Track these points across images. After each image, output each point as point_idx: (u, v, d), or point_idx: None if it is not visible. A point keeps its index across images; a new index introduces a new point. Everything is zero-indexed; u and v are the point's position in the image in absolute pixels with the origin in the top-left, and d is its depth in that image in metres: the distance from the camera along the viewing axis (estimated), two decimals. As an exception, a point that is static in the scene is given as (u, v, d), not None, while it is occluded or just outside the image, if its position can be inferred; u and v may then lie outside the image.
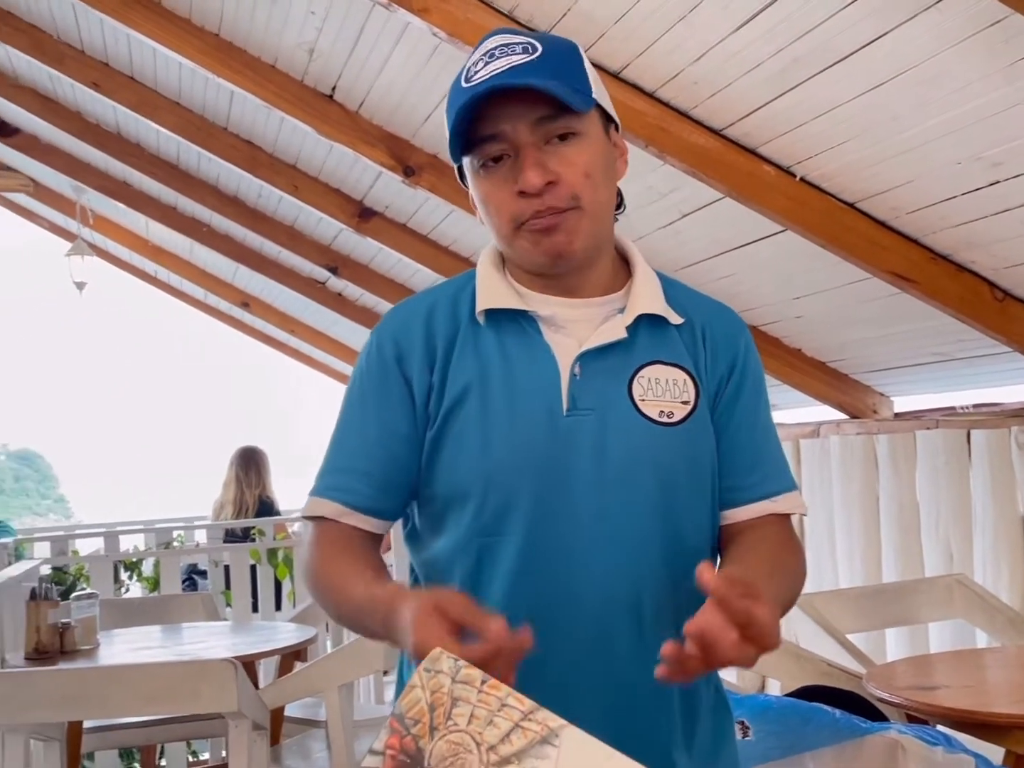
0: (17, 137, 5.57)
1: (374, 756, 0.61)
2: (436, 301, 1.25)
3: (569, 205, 1.15)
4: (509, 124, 1.14)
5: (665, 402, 1.19)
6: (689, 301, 1.28)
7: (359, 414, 1.24)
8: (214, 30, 3.43)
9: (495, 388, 1.18)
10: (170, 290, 7.85)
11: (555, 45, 1.20)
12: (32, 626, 3.06)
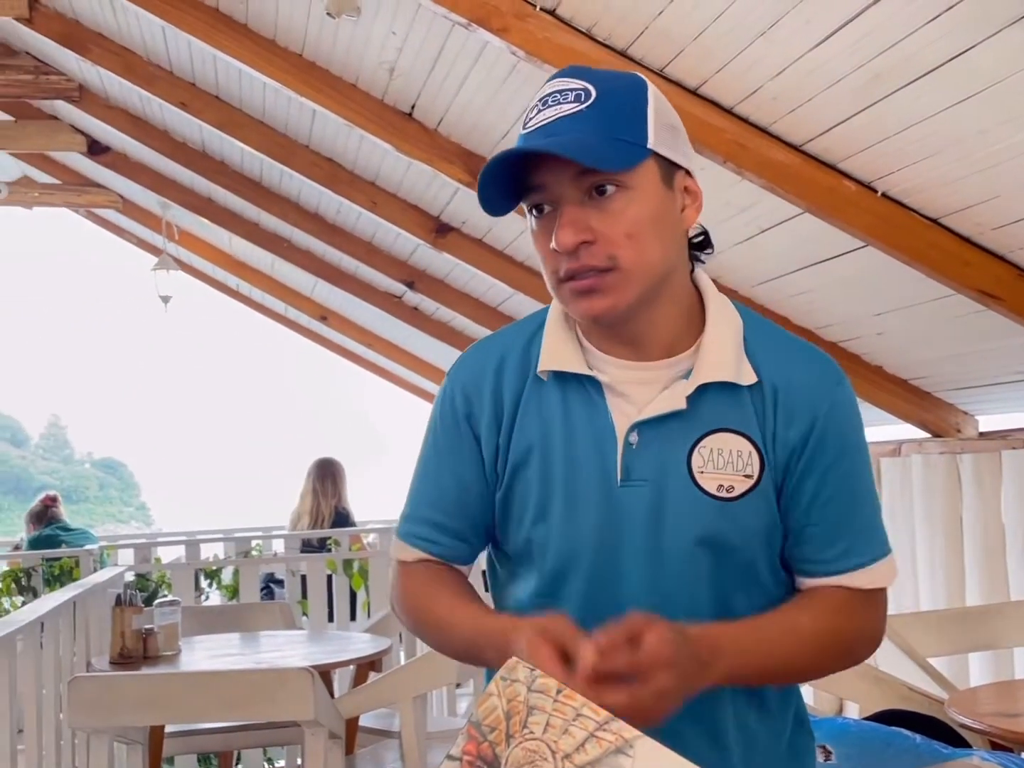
0: (107, 155, 5.74)
1: (451, 761, 0.61)
2: (507, 351, 1.22)
3: (606, 265, 1.10)
4: (549, 176, 1.11)
5: (726, 475, 1.14)
6: (773, 351, 1.18)
7: (435, 464, 1.25)
8: (297, 50, 3.50)
9: (555, 452, 1.17)
10: (252, 304, 8.01)
11: (614, 89, 1.12)
12: (117, 631, 3.14)
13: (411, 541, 1.26)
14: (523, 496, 1.19)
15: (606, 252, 1.09)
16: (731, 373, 1.14)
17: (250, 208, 5.50)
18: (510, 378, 1.20)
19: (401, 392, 8.37)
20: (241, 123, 4.30)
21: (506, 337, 1.26)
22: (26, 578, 5.00)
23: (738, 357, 1.16)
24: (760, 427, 1.15)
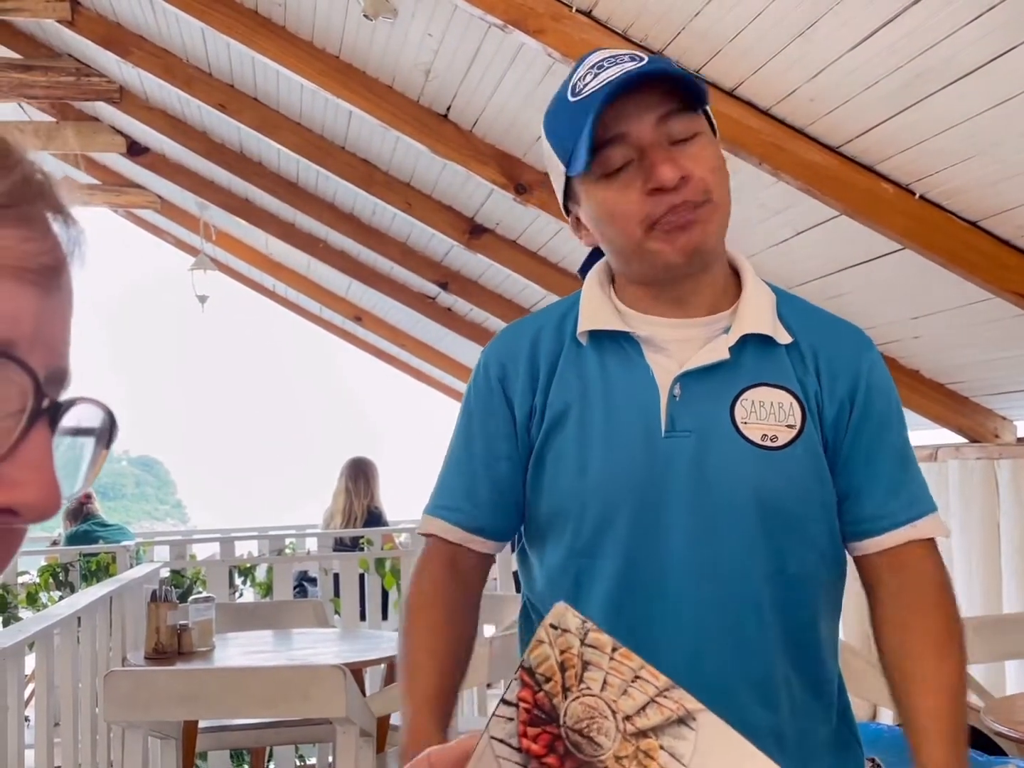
0: (147, 156, 5.81)
1: (507, 707, 0.60)
2: (544, 323, 1.25)
3: (703, 199, 1.13)
4: (633, 124, 1.12)
5: (769, 425, 1.15)
6: (806, 319, 1.23)
7: (465, 434, 1.26)
8: (334, 52, 3.53)
9: (594, 409, 1.18)
10: (287, 304, 8.06)
11: (658, 57, 1.24)
12: (152, 626, 3.17)
13: (435, 512, 1.26)
14: (558, 454, 1.18)
15: (702, 187, 1.13)
16: (769, 327, 1.18)
17: (286, 209, 5.54)
18: (546, 345, 1.22)
19: (435, 392, 8.40)
20: (278, 124, 4.33)
21: (540, 315, 1.29)
22: (64, 573, 5.06)
23: (773, 319, 1.20)
24: (800, 383, 1.18)
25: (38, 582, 5.07)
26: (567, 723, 0.58)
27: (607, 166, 1.13)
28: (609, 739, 0.58)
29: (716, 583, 1.14)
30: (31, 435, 0.44)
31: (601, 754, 0.58)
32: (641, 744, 0.58)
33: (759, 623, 1.15)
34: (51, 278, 0.46)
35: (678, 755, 0.57)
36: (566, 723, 0.58)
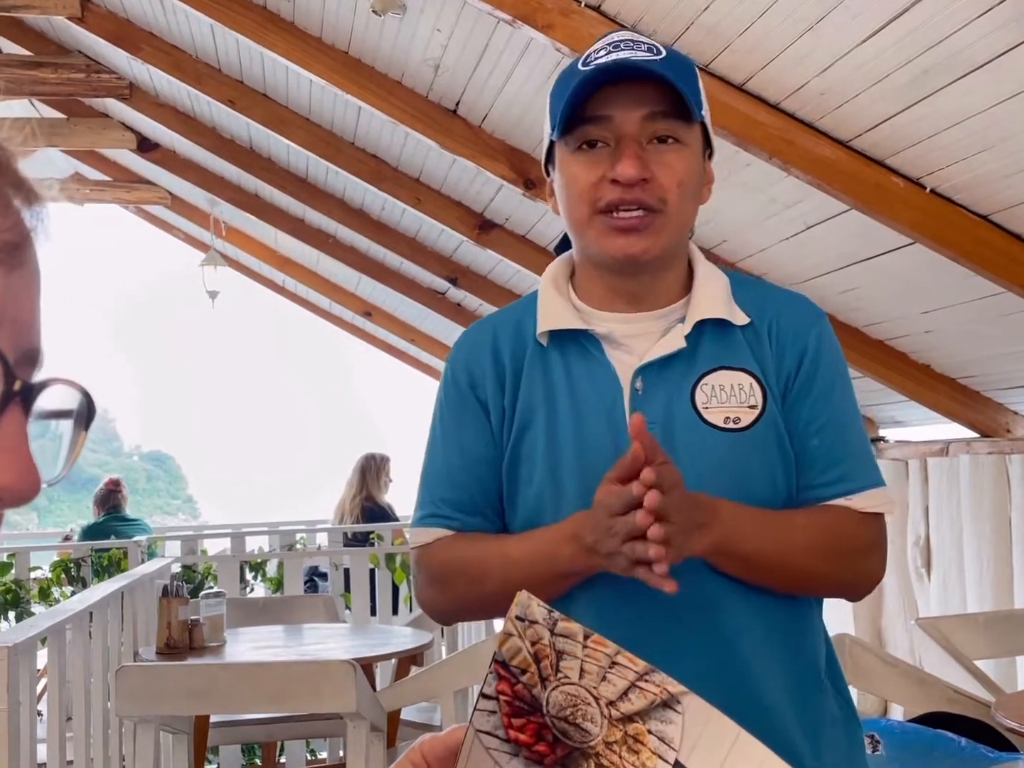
0: (157, 152, 5.82)
1: (487, 700, 0.60)
2: (499, 326, 1.26)
3: (656, 206, 1.14)
4: (620, 110, 1.14)
5: (730, 408, 1.17)
6: (760, 297, 1.24)
7: (442, 443, 1.26)
8: (343, 48, 3.53)
9: (561, 410, 1.19)
10: (297, 299, 8.07)
11: (677, 55, 1.21)
12: (164, 621, 3.18)
13: (425, 523, 1.25)
14: (530, 455, 1.20)
15: (659, 194, 1.14)
16: (724, 311, 1.20)
17: (296, 205, 5.55)
18: (507, 347, 1.23)
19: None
20: (288, 120, 4.34)
21: (495, 320, 1.30)
22: (76, 569, 5.08)
23: (728, 301, 1.22)
24: (758, 362, 1.19)
25: (50, 577, 5.09)
26: (551, 712, 0.58)
27: (583, 139, 1.16)
28: (596, 725, 0.58)
29: (693, 567, 1.13)
30: (4, 418, 0.43)
31: (590, 740, 0.58)
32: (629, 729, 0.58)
33: (736, 601, 1.16)
34: (14, 255, 0.45)
35: (667, 739, 0.57)
36: (550, 712, 0.58)
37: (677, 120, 1.15)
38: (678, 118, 1.15)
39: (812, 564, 1.18)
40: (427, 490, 1.26)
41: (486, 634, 4.37)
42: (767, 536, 1.15)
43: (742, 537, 1.13)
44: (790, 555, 1.17)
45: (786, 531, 1.17)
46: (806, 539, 1.17)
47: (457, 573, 1.22)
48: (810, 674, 1.22)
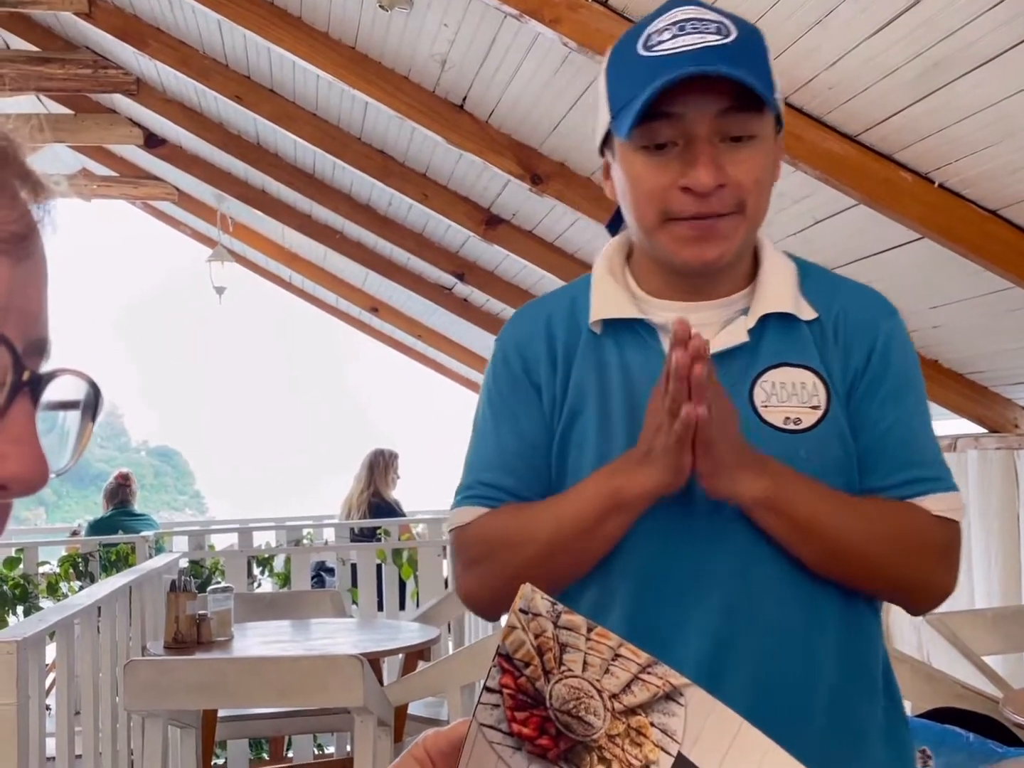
0: (164, 148, 5.83)
1: (491, 694, 0.60)
2: (553, 307, 1.21)
3: (732, 211, 1.08)
4: (690, 109, 1.06)
5: (791, 407, 1.11)
6: (828, 290, 1.17)
7: (493, 426, 1.19)
8: (350, 43, 3.52)
9: (614, 400, 1.14)
10: (304, 295, 8.08)
11: (747, 31, 1.10)
12: (171, 616, 3.19)
13: (467, 502, 1.18)
14: (580, 443, 1.15)
15: (736, 197, 1.08)
16: (790, 305, 1.13)
17: (303, 200, 5.55)
18: (561, 332, 1.18)
19: (451, 383, 8.41)
20: (295, 116, 4.34)
21: (548, 302, 1.24)
22: (84, 563, 5.10)
23: (795, 294, 1.15)
24: (823, 360, 1.13)
25: (58, 572, 5.11)
26: (554, 705, 0.58)
27: (650, 139, 1.08)
28: (599, 718, 0.58)
29: (740, 573, 1.10)
30: (12, 409, 0.43)
31: (593, 733, 0.58)
32: (632, 722, 0.57)
33: (785, 603, 1.11)
34: (21, 246, 0.45)
35: (670, 731, 0.57)
36: (553, 705, 0.58)
37: (752, 112, 1.07)
38: (753, 110, 1.07)
39: (875, 551, 1.09)
40: (473, 473, 1.19)
41: (492, 629, 4.37)
42: (825, 507, 1.08)
43: (796, 497, 1.07)
44: (850, 534, 1.09)
45: (848, 509, 1.09)
46: (870, 523, 1.10)
47: (499, 544, 1.15)
48: (861, 681, 1.14)
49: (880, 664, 1.16)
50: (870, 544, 1.09)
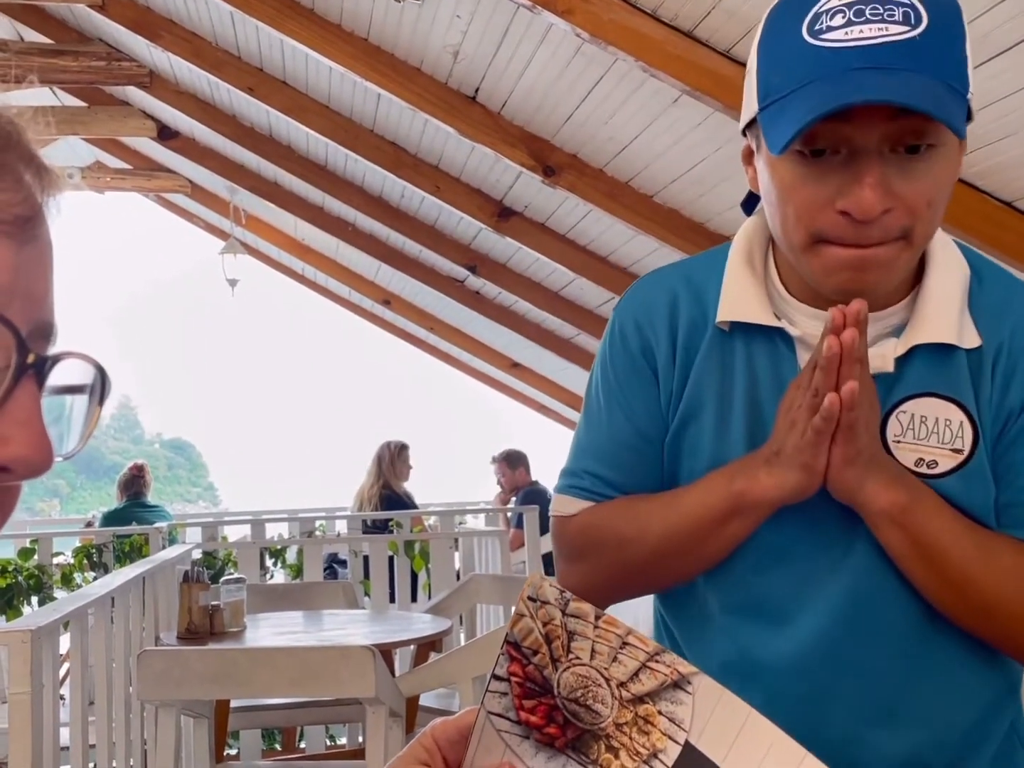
0: (177, 140, 5.84)
1: (498, 682, 0.60)
2: (680, 287, 1.06)
3: (896, 236, 0.90)
4: (859, 114, 0.87)
5: (929, 447, 0.96)
6: (1000, 305, 0.99)
7: (607, 410, 1.08)
8: (363, 35, 3.52)
9: (736, 409, 1.02)
10: (316, 287, 8.10)
11: (942, 13, 0.90)
12: (184, 607, 3.20)
13: (572, 492, 1.08)
14: (693, 450, 1.04)
15: (902, 223, 0.90)
16: (952, 334, 0.96)
17: (315, 192, 5.56)
18: (684, 319, 1.05)
19: (464, 376, 8.41)
20: (307, 108, 4.34)
21: (678, 272, 1.09)
22: (98, 554, 5.12)
23: (961, 314, 0.97)
24: (975, 393, 0.97)
25: (72, 563, 5.13)
26: (562, 693, 0.58)
27: (806, 143, 0.90)
28: (607, 707, 0.58)
29: (855, 597, 0.99)
30: (17, 392, 0.42)
31: (601, 722, 0.58)
32: (639, 710, 0.57)
33: (902, 640, 1.01)
34: (26, 229, 0.45)
35: (678, 720, 0.57)
36: (561, 694, 0.58)
37: (933, 120, 0.87)
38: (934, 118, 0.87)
39: (1013, 598, 0.96)
40: (582, 459, 1.10)
41: (504, 621, 4.38)
42: (959, 539, 0.95)
43: (929, 520, 0.95)
44: (986, 574, 0.95)
45: (987, 546, 0.96)
46: (1011, 565, 0.96)
47: (607, 540, 1.06)
48: (971, 738, 1.02)
49: (997, 736, 1.04)
50: (1005, 590, 0.96)
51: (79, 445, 0.48)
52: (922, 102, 0.85)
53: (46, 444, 0.43)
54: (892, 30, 0.87)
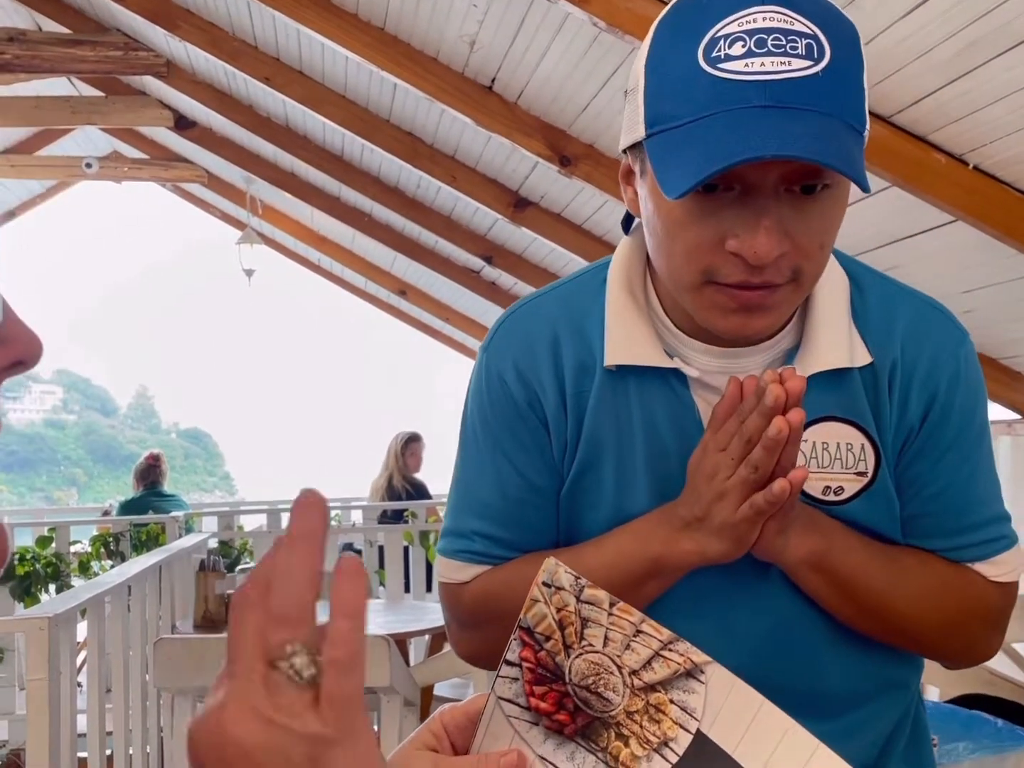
0: (194, 130, 5.85)
1: (510, 667, 0.60)
2: (559, 327, 1.00)
3: (788, 279, 0.88)
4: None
5: (833, 474, 0.95)
6: (885, 318, 0.97)
7: (492, 463, 1.01)
8: (379, 24, 3.52)
9: (635, 453, 0.98)
10: (332, 278, 8.11)
11: (842, 43, 0.86)
12: (201, 595, 3.22)
13: (465, 558, 1.02)
14: (595, 502, 0.99)
15: (793, 265, 0.87)
16: (843, 357, 0.95)
17: (331, 182, 5.56)
18: (570, 363, 0.99)
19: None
20: (324, 98, 4.34)
21: (553, 304, 1.02)
22: (115, 543, 5.16)
23: (849, 332, 0.96)
24: (874, 413, 0.96)
25: (90, 551, 5.17)
26: (573, 680, 0.58)
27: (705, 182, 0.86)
28: (618, 695, 0.58)
29: (774, 636, 0.98)
30: None
31: (612, 709, 0.58)
32: (651, 699, 0.57)
33: (815, 696, 0.99)
34: None
35: (689, 709, 0.57)
36: (572, 680, 0.58)
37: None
38: None
39: (921, 618, 0.97)
40: (466, 518, 1.03)
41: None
42: (873, 569, 0.95)
43: (844, 557, 0.94)
44: (895, 599, 0.96)
45: (897, 571, 0.96)
46: (919, 589, 0.97)
47: (505, 608, 0.91)
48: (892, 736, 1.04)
49: (902, 729, 1.07)
50: (916, 610, 0.97)
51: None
52: (831, 158, 0.81)
53: (36, 334, 0.48)
54: (795, 64, 0.82)
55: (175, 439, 63.46)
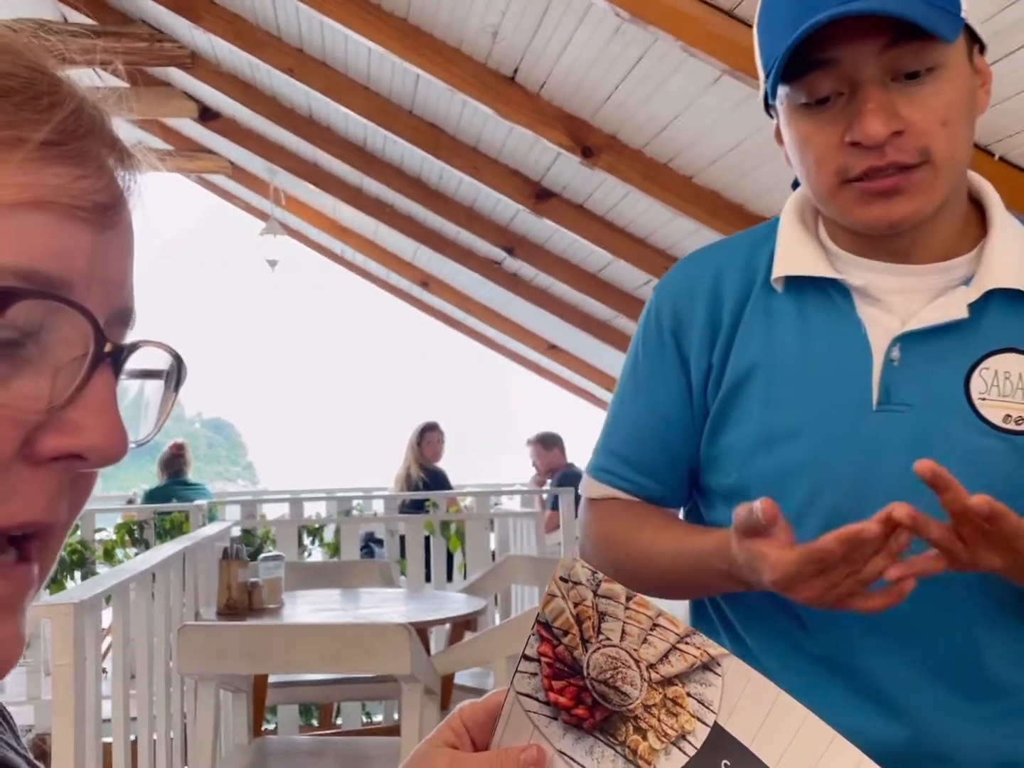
0: (218, 121, 5.87)
1: (528, 662, 0.60)
2: (726, 261, 1.05)
3: (917, 160, 0.91)
4: (848, 49, 0.90)
5: (1015, 404, 0.93)
6: None
7: (632, 392, 1.10)
8: (402, 15, 3.52)
9: (786, 371, 0.98)
10: (355, 269, 8.12)
11: None
12: (224, 583, 3.25)
13: (599, 476, 1.12)
14: (740, 421, 1.01)
15: (918, 145, 0.91)
16: (1021, 277, 0.95)
17: (353, 174, 5.57)
18: (730, 289, 1.03)
19: (500, 357, 8.41)
20: (346, 89, 4.35)
21: (724, 248, 1.08)
22: (139, 530, 5.20)
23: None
24: None
25: (115, 539, 5.22)
26: (591, 675, 0.58)
27: (809, 94, 0.93)
28: (636, 688, 0.58)
29: (932, 599, 0.94)
30: (93, 379, 0.43)
31: (630, 703, 0.58)
32: (668, 692, 0.57)
33: (975, 649, 0.98)
34: (106, 215, 0.45)
35: (707, 702, 0.57)
36: (590, 675, 0.58)
37: (926, 42, 0.89)
38: (926, 39, 0.89)
39: None
40: (608, 439, 1.12)
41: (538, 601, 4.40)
42: None
43: None
44: None
45: None
46: None
47: (611, 544, 1.10)
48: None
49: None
50: None
51: (154, 431, 0.48)
52: (900, 8, 0.87)
53: (120, 432, 0.44)
54: None
55: (199, 428, 63.87)
